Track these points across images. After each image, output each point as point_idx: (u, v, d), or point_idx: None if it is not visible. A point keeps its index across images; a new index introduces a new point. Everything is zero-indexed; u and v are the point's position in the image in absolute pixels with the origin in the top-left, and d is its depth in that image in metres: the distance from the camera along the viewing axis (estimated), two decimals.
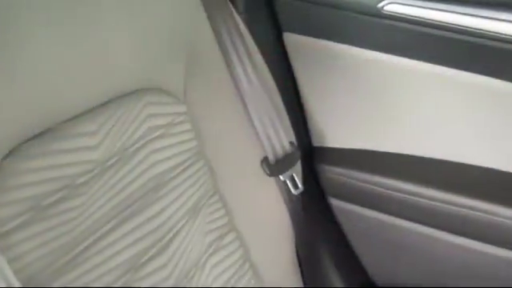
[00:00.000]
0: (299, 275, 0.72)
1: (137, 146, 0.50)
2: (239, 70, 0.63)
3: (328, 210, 0.79)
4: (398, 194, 0.72)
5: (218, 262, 0.58)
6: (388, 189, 0.72)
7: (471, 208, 0.67)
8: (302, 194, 0.70)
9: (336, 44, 0.70)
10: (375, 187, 0.73)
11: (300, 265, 0.72)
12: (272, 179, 0.66)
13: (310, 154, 0.78)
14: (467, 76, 0.65)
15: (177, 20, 0.57)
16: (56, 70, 0.45)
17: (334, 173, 0.76)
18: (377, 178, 0.73)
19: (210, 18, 0.61)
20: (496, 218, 0.65)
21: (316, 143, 0.79)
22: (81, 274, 0.44)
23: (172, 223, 0.52)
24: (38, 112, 0.43)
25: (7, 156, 0.40)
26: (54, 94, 0.44)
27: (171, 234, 0.52)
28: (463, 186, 0.69)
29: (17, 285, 0.37)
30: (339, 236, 0.80)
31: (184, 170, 0.56)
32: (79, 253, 0.44)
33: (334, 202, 0.78)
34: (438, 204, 0.69)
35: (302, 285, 0.72)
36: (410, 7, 0.65)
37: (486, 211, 0.66)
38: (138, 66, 0.53)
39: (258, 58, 0.66)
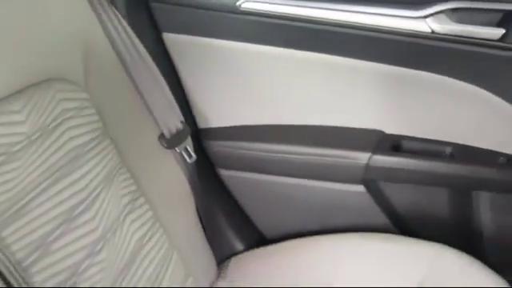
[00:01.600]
0: (202, 233, 0.84)
1: (55, 123, 0.60)
2: (130, 63, 0.75)
3: (218, 179, 0.93)
4: (273, 155, 0.88)
5: (134, 220, 0.68)
6: (264, 152, 0.89)
7: (325, 155, 0.86)
8: (196, 166, 0.83)
9: (206, 39, 0.85)
10: (254, 152, 0.89)
11: (202, 224, 0.85)
12: (170, 152, 0.79)
13: (197, 134, 0.92)
14: (310, 55, 0.84)
15: (72, 22, 0.68)
16: None
17: (219, 147, 0.91)
18: (255, 145, 0.89)
19: (99, 19, 0.72)
20: (341, 160, 0.85)
21: (201, 125, 0.93)
22: (27, 221, 0.52)
23: (93, 186, 0.62)
24: None
25: None
26: None
27: (94, 195, 0.62)
28: (318, 140, 0.88)
29: None
30: (230, 200, 0.95)
31: (95, 146, 0.66)
32: (23, 205, 0.52)
33: (223, 172, 0.93)
34: (302, 157, 0.87)
35: (205, 241, 0.85)
36: (262, 4, 0.83)
37: (336, 156, 0.86)
38: (45, 59, 0.62)
39: (144, 53, 0.79)
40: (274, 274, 0.84)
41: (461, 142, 0.86)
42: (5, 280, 0.47)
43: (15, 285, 0.48)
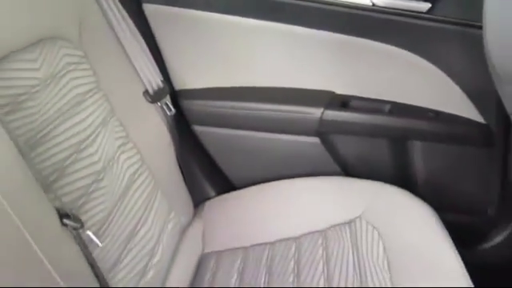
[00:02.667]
0: (182, 179, 0.97)
1: (62, 73, 0.72)
2: (117, 29, 0.87)
3: (193, 134, 1.07)
4: (240, 112, 1.02)
5: (126, 159, 0.81)
6: (232, 109, 1.02)
7: (285, 111, 1.01)
8: (175, 121, 0.96)
9: (182, 9, 0.98)
10: (223, 110, 1.03)
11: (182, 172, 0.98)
12: (153, 106, 0.91)
13: (174, 94, 1.04)
14: (272, 25, 0.98)
15: None
16: None
17: (193, 105, 1.04)
18: (224, 104, 1.03)
19: None
20: (299, 115, 1.00)
21: (177, 87, 1.05)
22: (48, 147, 0.65)
23: (93, 127, 0.75)
24: None
25: None
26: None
27: (94, 134, 0.74)
28: (279, 99, 1.02)
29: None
30: (204, 152, 1.08)
31: (92, 96, 0.78)
32: (44, 135, 0.65)
33: (197, 128, 1.06)
34: (265, 113, 1.02)
35: (184, 186, 0.98)
36: None
37: (295, 111, 1.01)
38: (49, 21, 0.74)
39: (129, 21, 0.90)
40: (243, 214, 0.98)
41: (398, 100, 1.02)
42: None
43: (50, 196, 0.60)
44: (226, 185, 1.11)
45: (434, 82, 0.98)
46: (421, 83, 0.99)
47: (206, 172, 1.09)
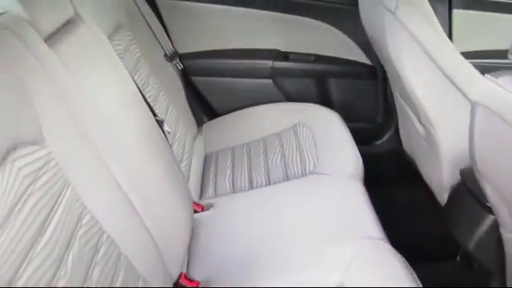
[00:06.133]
0: (189, 109, 1.56)
1: (130, 43, 1.27)
2: (145, 13, 1.42)
3: (191, 81, 1.64)
4: (220, 65, 1.61)
5: (162, 95, 1.38)
6: (215, 64, 1.61)
7: (250, 63, 1.61)
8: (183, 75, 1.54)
9: (184, 2, 1.53)
10: (209, 65, 1.61)
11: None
12: (170, 64, 1.48)
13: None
14: (239, 9, 1.55)
15: None
16: None
17: (190, 63, 1.61)
18: (209, 61, 1.62)
19: None
20: (259, 65, 1.60)
21: (180, 51, 1.62)
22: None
23: (146, 75, 1.31)
24: None
25: None
26: None
27: (149, 78, 1.30)
28: (246, 55, 1.61)
29: None
30: (199, 94, 1.66)
31: (141, 57, 1.33)
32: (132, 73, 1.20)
33: (193, 77, 1.64)
34: (237, 65, 1.61)
35: (191, 114, 1.56)
36: None
37: (256, 63, 1.60)
38: (115, 14, 1.27)
39: (149, 9, 1.45)
40: (228, 129, 1.58)
41: (318, 53, 1.64)
42: None
43: None
44: (213, 113, 1.70)
45: (338, 40, 1.61)
46: (331, 41, 1.62)
47: (200, 106, 1.68)
